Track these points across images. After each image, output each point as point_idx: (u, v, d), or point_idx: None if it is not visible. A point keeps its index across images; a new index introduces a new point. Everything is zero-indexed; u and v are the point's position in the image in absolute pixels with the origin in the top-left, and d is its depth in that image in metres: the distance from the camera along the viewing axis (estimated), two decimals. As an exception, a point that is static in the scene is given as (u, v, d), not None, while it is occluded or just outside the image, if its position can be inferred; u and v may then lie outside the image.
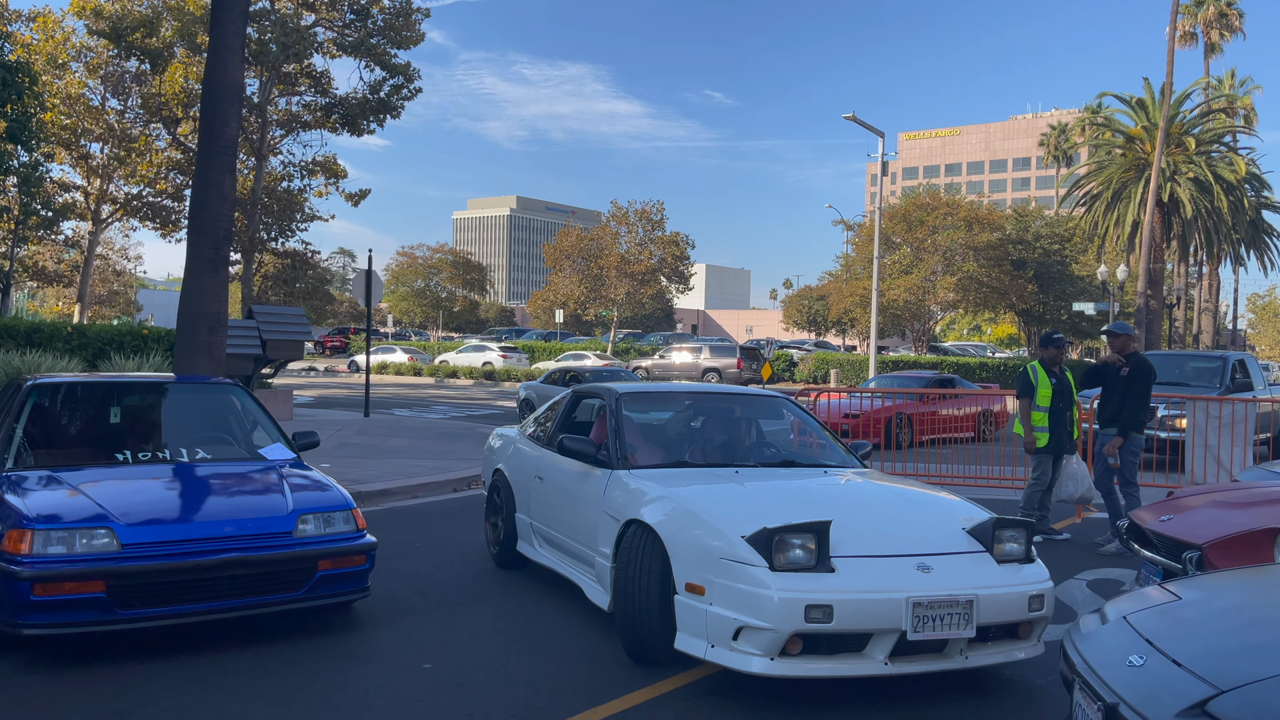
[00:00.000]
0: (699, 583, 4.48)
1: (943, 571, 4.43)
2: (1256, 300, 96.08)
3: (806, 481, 5.61)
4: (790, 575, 4.24)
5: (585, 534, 5.66)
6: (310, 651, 5.08)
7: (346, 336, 60.53)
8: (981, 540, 4.68)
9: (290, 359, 12.94)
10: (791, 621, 4.14)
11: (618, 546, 5.10)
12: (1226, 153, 42.73)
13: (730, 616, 4.29)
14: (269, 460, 6.28)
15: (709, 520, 4.62)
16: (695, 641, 4.49)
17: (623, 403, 6.17)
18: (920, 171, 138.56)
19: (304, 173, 27.72)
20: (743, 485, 5.26)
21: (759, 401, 6.76)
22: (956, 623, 4.31)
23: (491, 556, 7.33)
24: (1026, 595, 4.54)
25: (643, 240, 43.34)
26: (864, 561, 4.41)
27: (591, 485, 5.69)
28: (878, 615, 4.22)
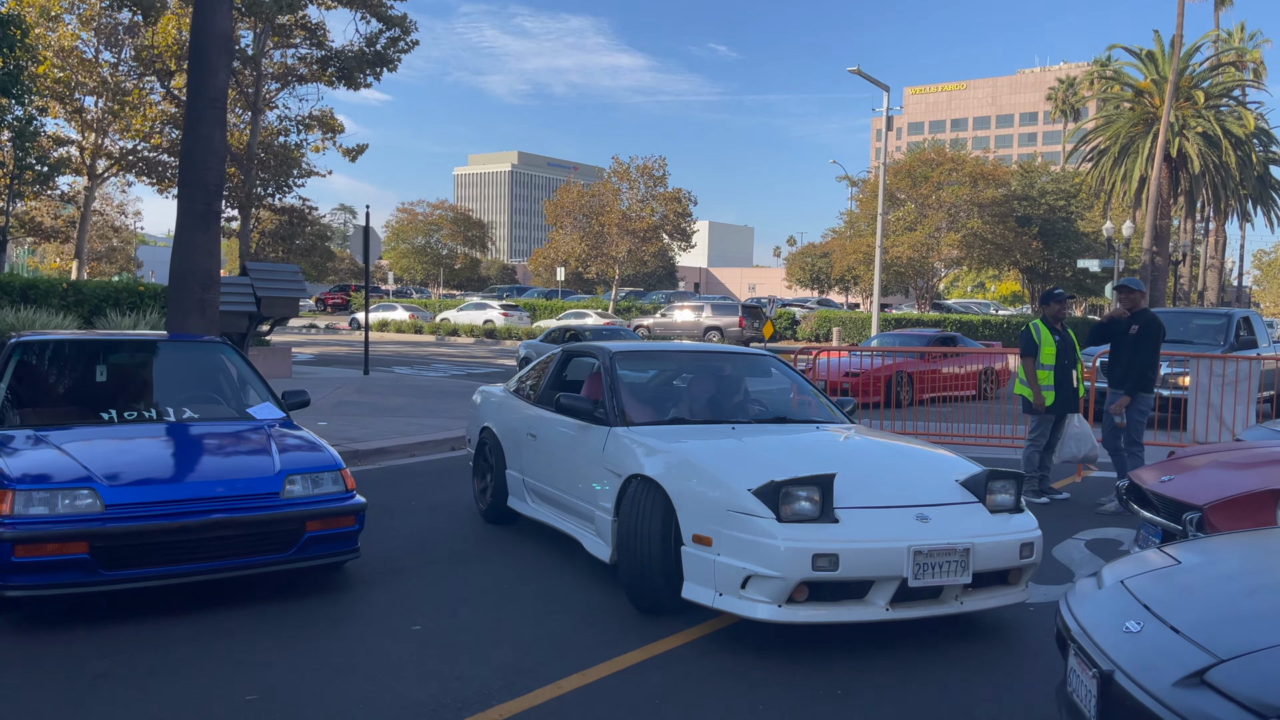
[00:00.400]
0: (706, 534, 4.62)
1: (940, 521, 4.61)
2: (1262, 257, 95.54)
3: (801, 437, 5.74)
4: (797, 526, 4.40)
5: (584, 489, 5.79)
6: (298, 613, 5.03)
7: (348, 293, 60.32)
8: (975, 492, 4.87)
9: (286, 316, 12.84)
10: (799, 570, 4.31)
11: (620, 501, 5.22)
12: (1235, 107, 42.17)
13: (739, 566, 4.43)
14: (257, 420, 6.19)
15: (714, 474, 4.77)
16: (703, 590, 4.63)
17: (616, 361, 6.27)
18: (926, 127, 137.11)
19: (300, 127, 27.38)
20: (741, 441, 5.39)
21: (748, 360, 6.91)
22: (954, 570, 4.51)
23: (480, 512, 7.38)
24: (1018, 543, 4.76)
25: (645, 197, 42.95)
26: (866, 512, 4.58)
27: (590, 442, 5.79)
28: (881, 563, 4.40)
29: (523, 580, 5.72)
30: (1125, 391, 8.21)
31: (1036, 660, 4.58)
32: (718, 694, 4.09)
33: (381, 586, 5.55)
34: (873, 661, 4.48)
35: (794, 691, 4.12)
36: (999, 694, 4.15)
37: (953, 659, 4.55)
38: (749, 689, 4.15)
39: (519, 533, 6.91)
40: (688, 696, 4.05)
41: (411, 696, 3.98)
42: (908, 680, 4.28)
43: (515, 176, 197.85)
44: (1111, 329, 8.43)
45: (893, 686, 4.20)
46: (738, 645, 4.66)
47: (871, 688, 4.17)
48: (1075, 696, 3.29)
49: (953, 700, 4.07)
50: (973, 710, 3.98)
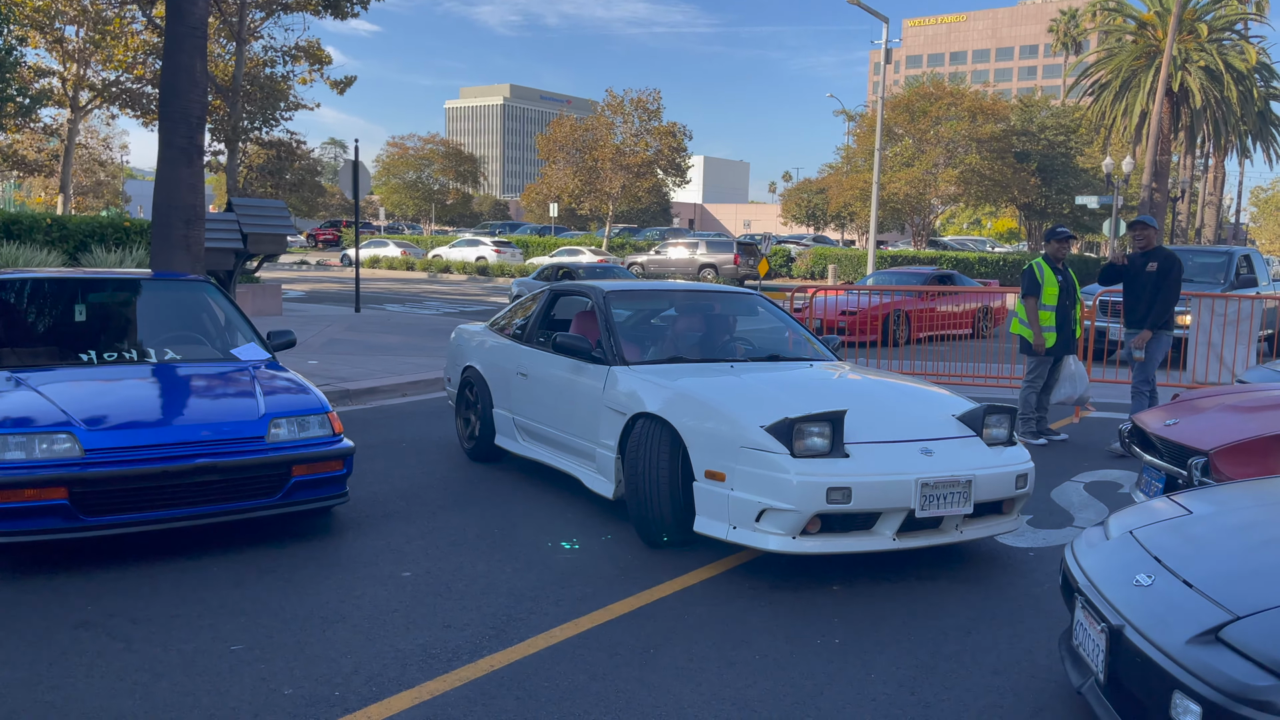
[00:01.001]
0: (719, 470, 4.74)
1: (943, 455, 4.78)
2: (1260, 194, 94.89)
3: (798, 374, 5.84)
4: (810, 461, 4.53)
5: (583, 428, 5.85)
6: (286, 559, 4.94)
7: (338, 229, 59.70)
8: (972, 426, 5.07)
9: (273, 253, 12.59)
10: (814, 503, 4.45)
11: (624, 439, 5.37)
12: (1238, 40, 41.44)
13: (754, 500, 4.56)
14: (241, 361, 6.04)
15: (726, 412, 4.87)
16: (716, 524, 4.76)
17: (610, 301, 6.30)
18: (925, 60, 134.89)
19: (287, 58, 26.69)
20: (743, 379, 5.47)
21: (735, 299, 7.02)
22: (957, 501, 4.68)
23: (465, 451, 7.39)
24: (1014, 474, 4.93)
25: (638, 131, 42.22)
26: (874, 447, 4.72)
27: (588, 381, 5.86)
28: (890, 495, 4.55)
29: (514, 525, 5.63)
30: (1148, 327, 7.98)
31: (1037, 607, 4.51)
32: (714, 641, 4.01)
33: (371, 531, 5.45)
34: (871, 610, 4.41)
35: (792, 641, 4.04)
36: (999, 642, 4.08)
37: (951, 607, 4.48)
38: (745, 637, 4.07)
39: (510, 474, 6.81)
40: (682, 644, 3.98)
41: (400, 647, 3.89)
42: (907, 629, 4.20)
43: (507, 110, 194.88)
44: (1127, 268, 8.17)
45: (892, 636, 4.12)
46: (733, 593, 4.58)
47: (872, 637, 4.09)
48: (1082, 650, 3.21)
49: (953, 648, 4.00)
50: (973, 658, 3.91)
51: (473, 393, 7.32)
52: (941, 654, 3.95)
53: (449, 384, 7.99)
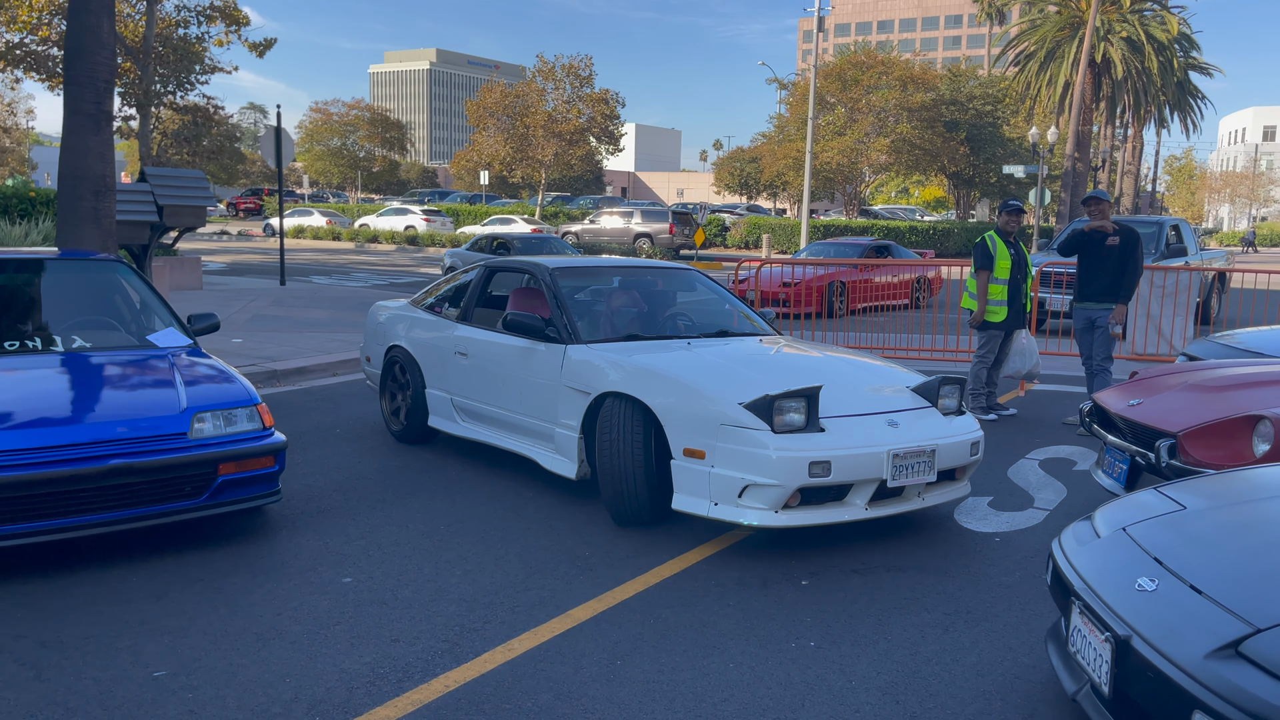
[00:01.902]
0: (699, 448, 4.76)
1: (908, 426, 4.95)
2: (1173, 163, 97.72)
3: (752, 349, 5.85)
4: (789, 436, 4.62)
5: (538, 408, 5.76)
6: (215, 566, 4.55)
7: (261, 198, 57.80)
8: (928, 397, 5.26)
9: (192, 226, 11.88)
10: (797, 477, 4.54)
11: (588, 419, 5.33)
12: (1159, 11, 42.25)
13: (736, 476, 4.61)
14: (160, 348, 5.58)
15: (701, 389, 4.89)
16: (696, 501, 4.80)
17: (558, 278, 6.22)
18: (853, 28, 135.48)
19: (201, 18, 25.43)
20: (703, 355, 5.49)
21: (675, 274, 7.02)
22: (923, 470, 4.88)
23: (392, 433, 7.18)
24: (969, 442, 5.15)
25: (570, 98, 41.44)
26: (846, 421, 4.85)
27: (542, 361, 5.76)
28: (865, 467, 4.69)
29: (462, 520, 5.31)
30: (1121, 299, 7.84)
31: (1011, 598, 4.36)
32: (684, 648, 3.77)
33: (308, 531, 5.09)
34: (844, 607, 4.22)
35: (765, 645, 3.82)
36: (978, 639, 3.92)
37: (926, 601, 4.31)
38: (717, 642, 3.84)
39: (451, 458, 6.48)
40: (651, 653, 3.73)
41: (345, 666, 3.57)
42: (883, 627, 4.01)
43: (434, 75, 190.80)
44: (1088, 240, 7.95)
45: (868, 635, 3.93)
46: (699, 591, 4.35)
47: (848, 638, 3.89)
48: (1081, 658, 3.04)
49: (932, 648, 3.82)
50: (954, 658, 3.74)
51: (401, 374, 7.08)
52: (921, 655, 3.77)
53: (368, 364, 7.72)
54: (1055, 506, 5.80)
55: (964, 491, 5.35)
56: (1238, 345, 7.33)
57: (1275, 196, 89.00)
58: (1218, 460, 4.66)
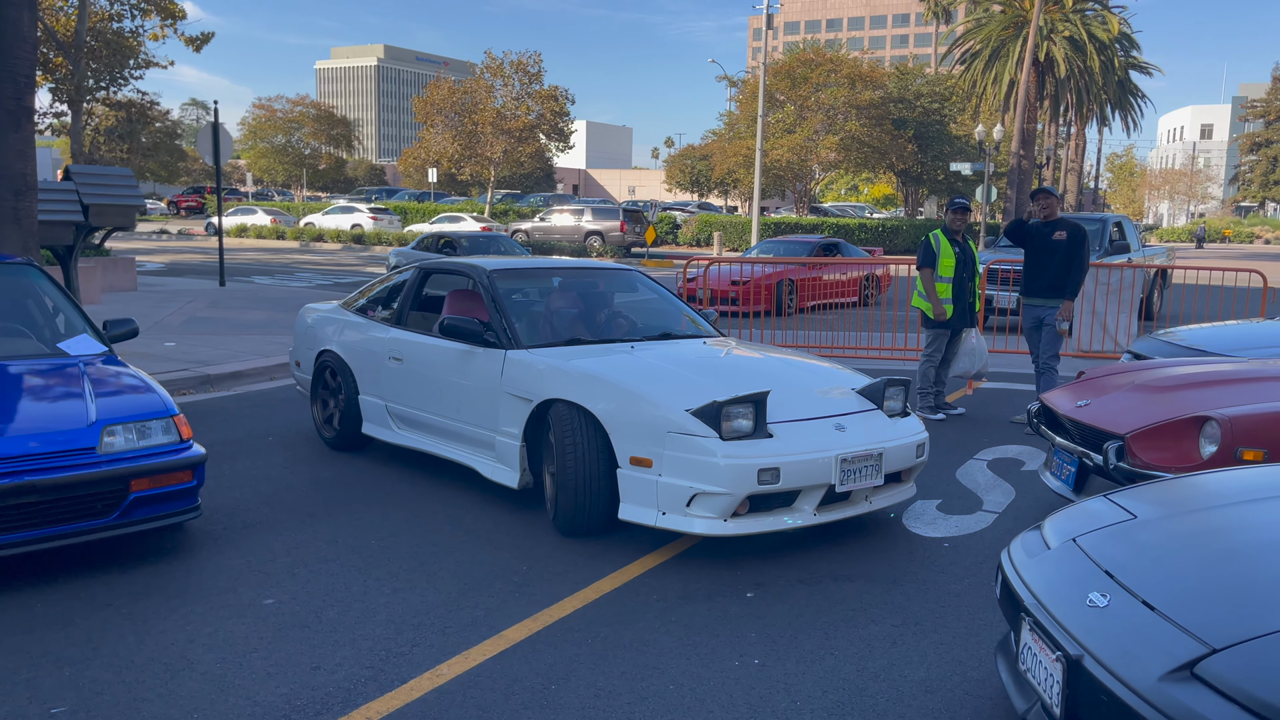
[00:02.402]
0: (646, 456, 4.65)
1: (855, 430, 4.89)
2: (1115, 160, 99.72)
3: (696, 352, 5.70)
4: (738, 443, 4.54)
5: (478, 415, 5.59)
6: (127, 589, 4.29)
7: (203, 196, 56.57)
8: (873, 400, 5.19)
9: (121, 226, 11.44)
10: (746, 485, 4.47)
11: (530, 426, 5.21)
12: (1100, 11, 42.92)
13: (684, 485, 4.52)
14: (70, 357, 5.27)
15: (646, 396, 4.77)
16: (644, 511, 4.68)
17: (496, 280, 6.03)
18: (802, 26, 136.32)
19: (136, 12, 24.71)
20: (646, 359, 5.36)
21: (616, 275, 6.86)
22: (870, 473, 4.83)
23: (324, 440, 6.95)
24: (914, 444, 5.12)
25: (520, 94, 41.05)
26: (793, 425, 4.77)
27: (481, 366, 5.60)
28: (814, 472, 4.63)
29: (395, 534, 5.09)
30: (1069, 296, 7.77)
31: (959, 607, 4.25)
32: (622, 669, 3.60)
33: (230, 548, 4.83)
34: (789, 620, 4.07)
35: (708, 664, 3.66)
36: (926, 653, 3.79)
37: (873, 612, 4.18)
38: (657, 661, 3.67)
39: (390, 468, 6.24)
40: (587, 675, 3.55)
41: (259, 699, 3.34)
42: (829, 641, 3.87)
43: (382, 71, 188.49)
44: (1031, 236, 7.89)
45: (814, 651, 3.79)
46: (641, 607, 4.18)
47: (793, 654, 3.75)
48: (1031, 677, 2.91)
49: (880, 664, 3.69)
50: (902, 674, 3.61)
51: (333, 379, 6.87)
52: (868, 671, 3.63)
53: (298, 369, 7.50)
54: (1004, 509, 5.72)
55: (909, 493, 5.34)
56: (1180, 343, 7.34)
57: (1212, 193, 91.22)
58: (1165, 462, 4.60)
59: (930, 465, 6.66)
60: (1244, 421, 4.46)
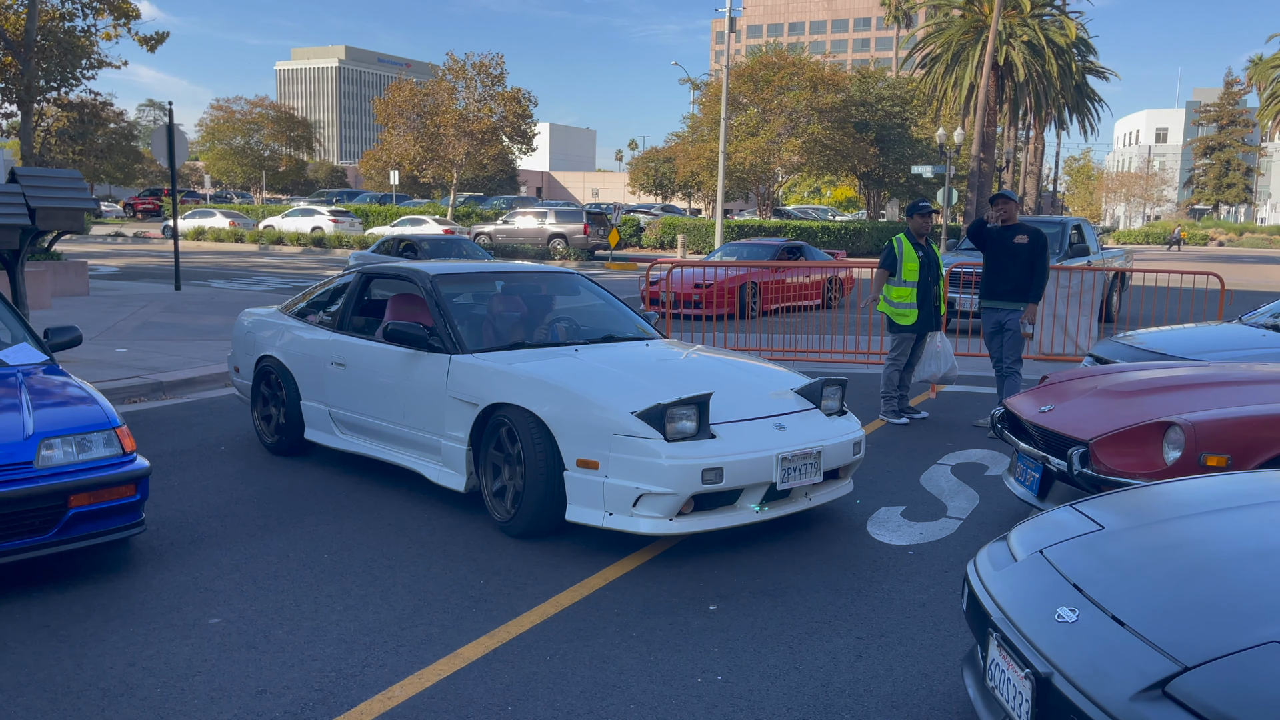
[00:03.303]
0: (592, 458, 4.72)
1: (794, 429, 5.02)
2: (1072, 163, 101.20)
3: (639, 354, 5.75)
4: (682, 444, 4.62)
5: (424, 420, 5.58)
6: (65, 610, 4.11)
7: (160, 198, 55.63)
8: (811, 399, 5.34)
9: (69, 229, 11.12)
10: (691, 485, 4.56)
11: (476, 430, 5.22)
12: (1058, 16, 43.53)
13: (630, 486, 4.60)
14: (8, 367, 5.07)
15: (591, 399, 4.82)
16: (591, 512, 4.76)
17: (439, 285, 6.01)
18: (765, 30, 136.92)
19: (88, 11, 24.18)
20: (590, 362, 5.40)
21: (559, 279, 6.90)
22: (810, 471, 4.97)
23: (265, 446, 6.90)
24: (852, 442, 5.26)
25: (482, 96, 40.76)
26: (735, 426, 4.88)
27: (426, 371, 5.58)
28: (756, 471, 4.74)
29: (349, 547, 4.94)
30: (1032, 299, 7.74)
31: (925, 618, 4.19)
32: (581, 688, 3.49)
33: (176, 564, 4.66)
34: (753, 634, 3.98)
35: (669, 681, 3.56)
36: (892, 667, 3.72)
37: (838, 624, 4.10)
38: (618, 680, 3.56)
39: (344, 481, 6.08)
40: (545, 695, 3.43)
41: (201, 726, 3.19)
42: (794, 655, 3.79)
43: (343, 73, 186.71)
44: (991, 241, 7.86)
45: (778, 666, 3.70)
46: (601, 622, 4.07)
47: (757, 670, 3.66)
48: (999, 694, 2.84)
49: (844, 679, 3.61)
50: (868, 689, 3.53)
51: (274, 384, 6.81)
52: (833, 687, 3.55)
53: (236, 375, 7.43)
54: (968, 515, 5.68)
55: (847, 489, 5.51)
56: (1141, 346, 7.36)
57: (1168, 196, 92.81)
58: (1129, 468, 4.57)
59: (894, 470, 6.62)
60: (1207, 426, 4.44)
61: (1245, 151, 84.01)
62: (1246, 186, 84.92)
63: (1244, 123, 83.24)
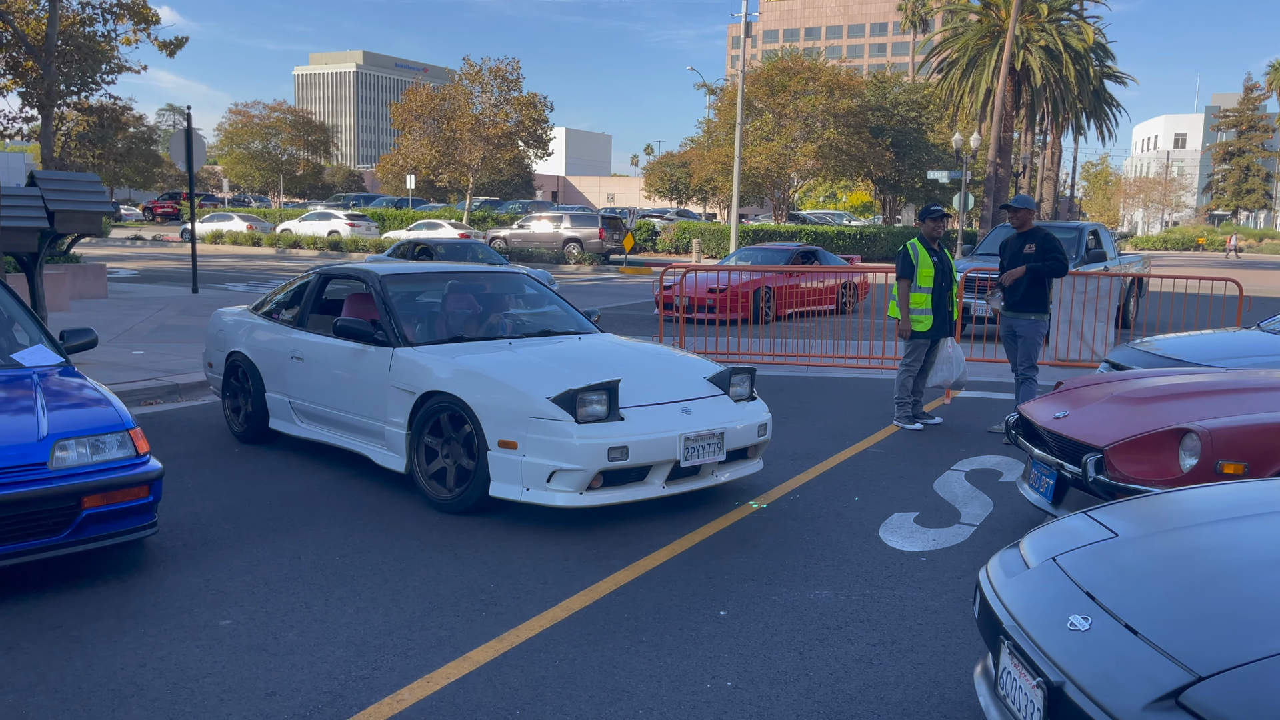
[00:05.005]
0: (512, 439, 5.20)
1: (700, 412, 5.52)
2: (1090, 169, 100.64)
3: (568, 347, 6.27)
4: (591, 426, 5.11)
5: (369, 407, 6.07)
6: (77, 610, 4.13)
7: (178, 202, 56.06)
8: (720, 386, 5.85)
9: (87, 232, 11.22)
10: (597, 461, 5.05)
11: (414, 416, 5.68)
12: (1075, 20, 43.28)
13: (544, 464, 5.08)
14: (24, 369, 5.10)
15: (514, 386, 5.30)
16: (510, 488, 5.24)
17: (387, 284, 6.48)
18: (781, 35, 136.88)
19: (108, 16, 24.37)
20: (520, 354, 5.90)
21: (505, 279, 7.43)
22: (713, 450, 5.45)
23: (234, 434, 7.35)
24: (756, 425, 5.76)
25: (498, 101, 40.93)
26: (643, 409, 5.37)
27: (371, 363, 6.08)
28: (660, 450, 5.24)
29: (360, 549, 4.94)
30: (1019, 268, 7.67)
31: (937, 624, 4.16)
32: (590, 694, 3.48)
33: (188, 566, 4.67)
34: (763, 639, 3.96)
35: (679, 686, 3.55)
36: (903, 674, 3.69)
37: (849, 630, 4.08)
38: (627, 685, 3.55)
39: (356, 484, 6.09)
40: (553, 700, 3.43)
41: (210, 727, 3.20)
42: (804, 662, 3.77)
43: (361, 78, 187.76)
44: (1005, 248, 7.83)
45: (788, 672, 3.68)
46: (611, 627, 4.06)
47: (767, 676, 3.64)
48: (1011, 703, 2.82)
49: (855, 686, 3.59)
50: (878, 696, 3.51)
51: (241, 378, 7.28)
52: (844, 694, 3.53)
53: (210, 370, 7.90)
54: (982, 522, 5.64)
55: (756, 468, 5.96)
56: (1158, 352, 7.30)
57: (1186, 202, 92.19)
58: (1145, 475, 4.53)
59: (907, 476, 6.59)
60: (1224, 434, 4.39)
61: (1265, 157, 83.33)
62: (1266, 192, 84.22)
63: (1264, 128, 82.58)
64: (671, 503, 5.76)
